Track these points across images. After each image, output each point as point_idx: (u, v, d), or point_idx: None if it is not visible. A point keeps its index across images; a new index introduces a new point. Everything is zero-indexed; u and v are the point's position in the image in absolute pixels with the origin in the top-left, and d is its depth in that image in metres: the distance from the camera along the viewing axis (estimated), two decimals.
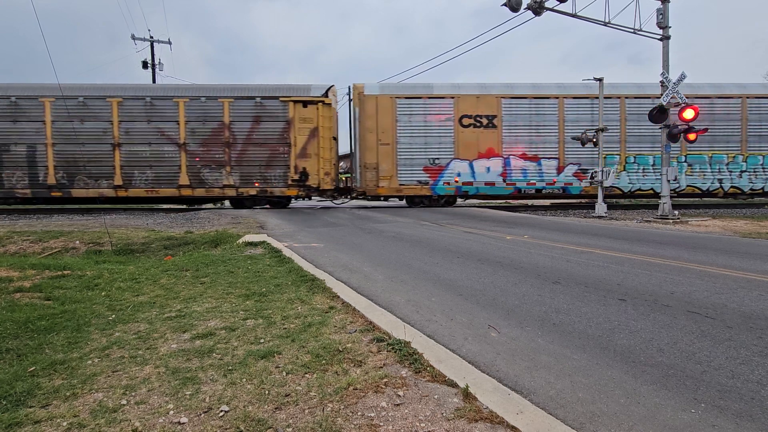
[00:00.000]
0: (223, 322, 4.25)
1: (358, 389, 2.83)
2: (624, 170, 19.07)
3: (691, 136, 13.77)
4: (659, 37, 14.32)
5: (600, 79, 16.63)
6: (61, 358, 3.46)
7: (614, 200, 20.71)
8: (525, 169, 19.00)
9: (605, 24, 14.23)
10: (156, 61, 27.61)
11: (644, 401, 2.68)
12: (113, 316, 4.57)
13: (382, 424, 2.46)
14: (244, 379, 3.02)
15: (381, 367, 3.15)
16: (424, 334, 3.81)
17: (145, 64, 27.32)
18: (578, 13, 14.04)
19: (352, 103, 19.58)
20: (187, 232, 11.42)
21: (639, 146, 19.13)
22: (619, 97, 18.77)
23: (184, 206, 20.20)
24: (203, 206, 20.04)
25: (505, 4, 13.30)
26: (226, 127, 18.33)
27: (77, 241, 10.20)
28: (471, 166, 18.91)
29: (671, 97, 13.61)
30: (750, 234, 10.57)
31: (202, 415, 2.60)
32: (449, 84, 19.28)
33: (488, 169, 18.93)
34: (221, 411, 2.62)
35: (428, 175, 18.88)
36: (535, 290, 5.25)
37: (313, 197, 19.97)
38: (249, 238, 9.83)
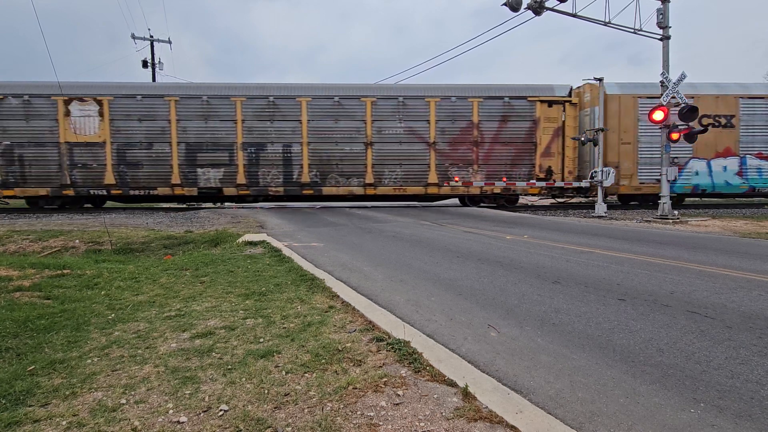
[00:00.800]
0: (222, 321, 4.25)
1: (357, 389, 2.83)
2: None
3: (691, 137, 13.78)
4: (659, 37, 14.32)
5: (600, 79, 16.63)
6: (60, 357, 3.46)
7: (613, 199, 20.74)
8: (760, 168, 19.10)
9: (605, 24, 14.23)
10: (156, 61, 27.63)
11: (644, 401, 2.68)
12: (113, 315, 4.57)
13: (381, 423, 2.46)
14: (244, 379, 3.02)
15: (380, 367, 3.15)
16: (423, 333, 3.82)
17: (144, 64, 27.34)
18: (578, 13, 14.04)
19: (589, 102, 19.73)
20: (186, 231, 11.42)
21: None
22: None
23: (184, 205, 20.22)
24: (202, 205, 20.06)
25: (505, 4, 13.30)
26: (474, 127, 18.50)
27: (77, 241, 10.21)
28: (708, 165, 19.03)
29: (671, 97, 13.61)
30: (749, 234, 10.57)
31: (202, 414, 2.60)
32: (686, 84, 19.43)
33: (725, 168, 19.06)
34: (220, 410, 2.62)
35: None
36: (535, 290, 5.25)
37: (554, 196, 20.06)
38: (249, 237, 9.83)
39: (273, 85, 18.43)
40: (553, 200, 20.69)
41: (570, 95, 18.77)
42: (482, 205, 19.49)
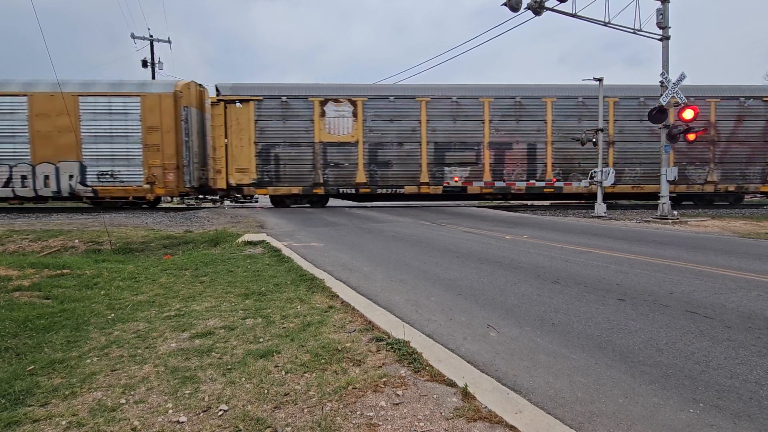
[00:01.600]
0: (222, 321, 4.25)
1: (357, 389, 2.83)
2: None
3: (691, 137, 13.81)
4: (659, 37, 14.32)
5: (600, 80, 16.64)
6: (60, 357, 3.46)
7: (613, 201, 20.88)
8: None
9: (605, 24, 14.22)
10: (156, 60, 27.60)
11: (643, 401, 2.68)
12: (112, 315, 4.57)
13: (381, 423, 2.46)
14: (243, 379, 3.02)
15: (380, 367, 3.15)
16: (423, 333, 3.82)
17: (144, 63, 27.30)
18: (578, 13, 14.03)
19: None
20: (186, 231, 11.41)
21: None
22: None
23: (183, 205, 20.22)
24: (202, 205, 20.05)
25: (505, 4, 13.28)
26: (711, 126, 18.80)
27: (76, 240, 10.20)
28: None
29: (671, 97, 13.62)
30: (749, 234, 10.58)
31: (201, 414, 2.60)
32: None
33: None
34: (220, 410, 2.62)
35: None
36: (535, 290, 5.25)
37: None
38: (248, 237, 9.83)
39: (519, 86, 18.93)
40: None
41: None
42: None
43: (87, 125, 17.09)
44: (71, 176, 17.09)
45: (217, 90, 18.03)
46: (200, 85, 18.49)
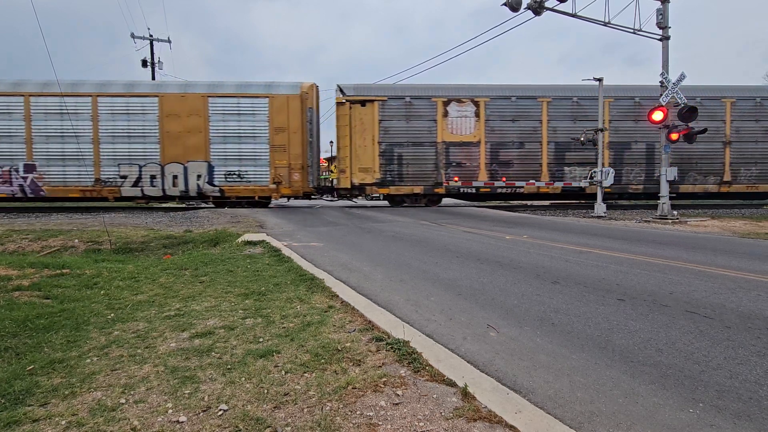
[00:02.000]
0: (222, 321, 4.25)
1: (357, 388, 2.83)
2: None
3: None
4: (659, 37, 14.32)
5: (600, 80, 16.65)
6: (59, 357, 3.46)
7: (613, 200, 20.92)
8: None
9: (605, 24, 14.22)
10: (156, 60, 27.60)
11: (643, 401, 2.68)
12: (112, 314, 4.57)
13: (380, 423, 2.46)
14: (243, 378, 3.02)
15: (380, 367, 3.15)
16: (423, 333, 3.82)
17: (144, 63, 27.30)
18: (578, 13, 14.03)
19: None
20: (186, 231, 11.41)
21: None
22: None
23: (183, 205, 20.21)
24: (201, 205, 20.03)
25: (505, 4, 13.28)
26: None
27: (76, 240, 10.20)
28: None
29: (671, 98, 13.62)
30: (748, 234, 10.58)
31: (201, 414, 2.60)
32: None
33: None
34: (220, 410, 2.62)
35: None
36: (534, 290, 5.25)
37: None
38: (248, 237, 9.83)
39: (637, 86, 19.17)
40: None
41: None
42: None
43: (216, 126, 17.48)
44: (199, 176, 17.52)
45: (341, 91, 18.41)
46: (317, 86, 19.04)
